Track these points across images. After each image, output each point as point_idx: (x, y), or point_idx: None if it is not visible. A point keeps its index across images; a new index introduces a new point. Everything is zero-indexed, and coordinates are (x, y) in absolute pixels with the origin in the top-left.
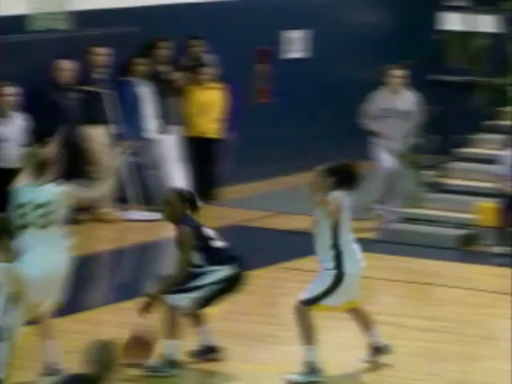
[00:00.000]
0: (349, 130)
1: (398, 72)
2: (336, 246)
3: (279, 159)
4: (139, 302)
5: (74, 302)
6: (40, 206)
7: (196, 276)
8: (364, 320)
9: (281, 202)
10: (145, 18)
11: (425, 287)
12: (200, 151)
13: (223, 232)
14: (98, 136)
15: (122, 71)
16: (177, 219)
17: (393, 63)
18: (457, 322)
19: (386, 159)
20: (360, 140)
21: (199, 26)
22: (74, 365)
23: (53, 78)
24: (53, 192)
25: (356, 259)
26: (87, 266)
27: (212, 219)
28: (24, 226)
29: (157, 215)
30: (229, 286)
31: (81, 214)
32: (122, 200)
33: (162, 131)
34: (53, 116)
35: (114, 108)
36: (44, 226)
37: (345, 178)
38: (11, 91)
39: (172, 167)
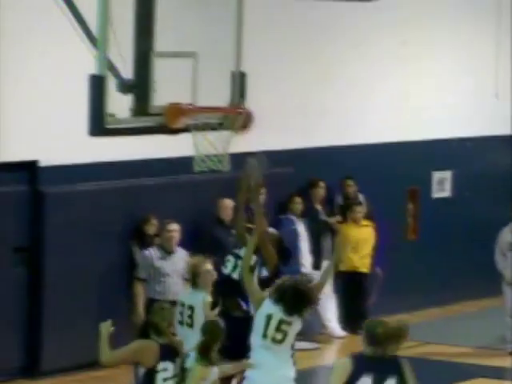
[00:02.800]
0: (482, 266)
1: None
2: None
3: (422, 293)
4: None
5: None
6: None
7: None
8: None
9: (425, 332)
10: (299, 159)
11: None
12: (352, 285)
13: None
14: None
15: (279, 209)
16: None
17: None
18: None
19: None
20: (492, 275)
21: (352, 166)
22: None
23: (215, 215)
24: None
25: None
26: None
27: (360, 348)
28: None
29: (313, 345)
30: None
31: None
32: None
33: (317, 266)
34: (216, 251)
35: None
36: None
37: None
38: (175, 227)
39: (325, 300)
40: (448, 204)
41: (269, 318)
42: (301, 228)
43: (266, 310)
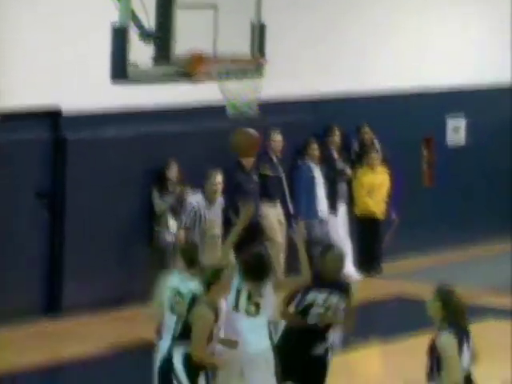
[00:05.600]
0: (497, 212)
1: None
2: None
3: (437, 237)
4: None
5: None
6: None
7: None
8: None
9: (437, 275)
10: (317, 106)
11: None
12: (367, 229)
13: (388, 303)
14: (274, 215)
15: (297, 155)
16: None
17: None
18: None
19: None
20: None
21: (369, 113)
22: None
23: (238, 161)
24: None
25: None
26: None
27: (376, 291)
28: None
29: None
30: None
31: None
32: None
33: (332, 211)
34: (237, 196)
35: (290, 189)
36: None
37: None
38: (219, 180)
39: (340, 244)
40: (463, 152)
41: (238, 291)
42: (317, 174)
43: (235, 283)
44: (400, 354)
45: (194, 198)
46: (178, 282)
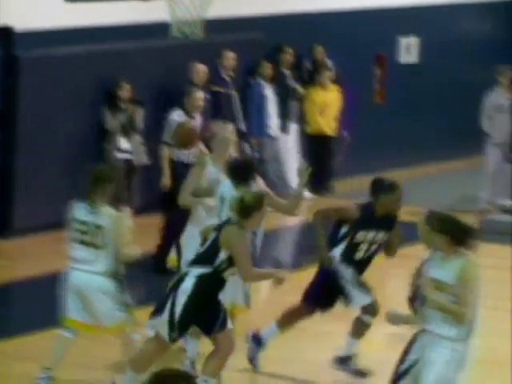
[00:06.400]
0: (459, 127)
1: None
2: None
3: (389, 155)
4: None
5: None
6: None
7: None
8: None
9: None
10: (270, 24)
11: None
12: (318, 147)
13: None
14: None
15: (249, 74)
16: None
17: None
18: None
19: (495, 155)
20: (464, 137)
21: (321, 32)
22: None
23: (190, 79)
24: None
25: None
26: None
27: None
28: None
29: None
30: None
31: None
32: None
33: (284, 129)
34: None
35: (242, 107)
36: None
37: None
38: (201, 95)
39: (291, 162)
40: (415, 69)
41: (222, 199)
42: (269, 93)
43: (220, 191)
44: None
45: (175, 114)
46: (85, 214)
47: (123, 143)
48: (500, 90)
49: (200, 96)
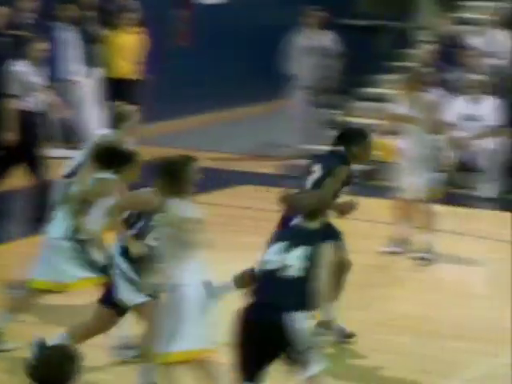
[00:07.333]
0: (263, 70)
1: (316, 13)
2: None
3: (194, 99)
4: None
5: None
6: None
7: None
8: None
9: (193, 139)
10: None
11: None
12: (119, 91)
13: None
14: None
15: (49, 16)
16: None
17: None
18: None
19: (299, 98)
20: (274, 80)
21: None
22: None
23: None
24: None
25: None
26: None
27: None
28: None
29: (75, 153)
30: None
31: None
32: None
33: (85, 74)
34: None
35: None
36: None
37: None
38: (43, 46)
39: (92, 107)
40: (223, 10)
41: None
42: (68, 35)
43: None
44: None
45: (19, 66)
46: None
47: None
48: (308, 31)
49: (42, 46)
